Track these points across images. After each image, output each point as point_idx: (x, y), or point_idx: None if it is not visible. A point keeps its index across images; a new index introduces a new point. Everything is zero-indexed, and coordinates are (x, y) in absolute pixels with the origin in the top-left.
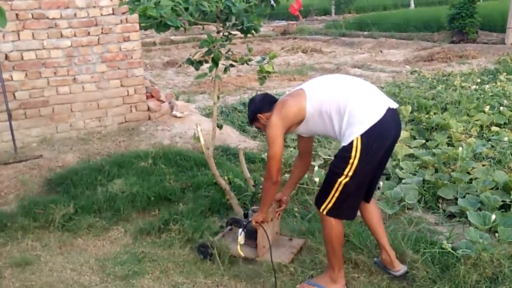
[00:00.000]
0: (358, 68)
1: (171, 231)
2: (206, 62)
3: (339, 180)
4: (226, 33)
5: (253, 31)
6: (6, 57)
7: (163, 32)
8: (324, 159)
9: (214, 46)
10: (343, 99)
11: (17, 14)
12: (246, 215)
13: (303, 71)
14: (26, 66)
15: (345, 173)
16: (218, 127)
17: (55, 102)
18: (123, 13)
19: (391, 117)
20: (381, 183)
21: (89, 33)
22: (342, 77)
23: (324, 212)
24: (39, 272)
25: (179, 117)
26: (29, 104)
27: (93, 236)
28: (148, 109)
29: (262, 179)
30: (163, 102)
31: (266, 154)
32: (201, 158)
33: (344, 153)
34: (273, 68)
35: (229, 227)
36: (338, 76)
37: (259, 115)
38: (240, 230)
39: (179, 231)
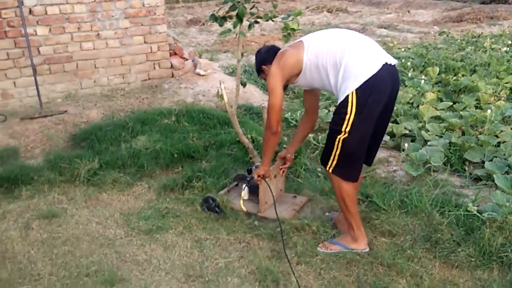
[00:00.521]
0: (385, 28)
1: (194, 188)
2: (230, 18)
3: (338, 137)
4: None
5: None
6: (30, 12)
7: None
8: None
9: (239, 2)
10: (339, 52)
11: None
12: (249, 171)
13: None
14: (50, 21)
15: (343, 129)
16: (241, 85)
17: (79, 58)
18: None
19: (388, 72)
20: (406, 145)
21: None
22: (342, 31)
23: (330, 171)
24: (65, 224)
25: (202, 75)
26: (53, 59)
27: (118, 191)
28: (171, 66)
29: (285, 138)
30: (186, 60)
31: (289, 113)
32: (224, 117)
33: (341, 109)
34: (298, 25)
35: (235, 182)
36: (338, 30)
37: (264, 66)
38: (244, 185)
39: (201, 188)
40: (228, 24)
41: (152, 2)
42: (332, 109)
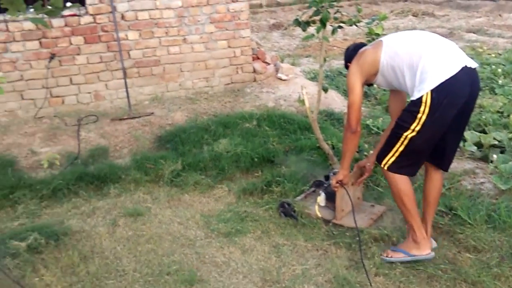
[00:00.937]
0: (474, 33)
1: (273, 193)
2: (314, 23)
3: (405, 134)
4: None
5: None
6: (123, 17)
7: None
8: None
9: (323, 7)
10: (416, 54)
11: None
12: (327, 178)
13: None
14: (140, 26)
15: (412, 127)
16: (323, 90)
17: (166, 62)
18: None
19: (467, 75)
20: (494, 156)
21: None
22: (421, 33)
23: (386, 167)
24: (149, 223)
25: (284, 80)
26: (142, 63)
27: (199, 193)
28: (254, 71)
29: (366, 145)
30: (269, 64)
31: (370, 120)
32: (304, 122)
33: (413, 107)
34: (382, 29)
35: (312, 188)
36: (417, 32)
37: (349, 64)
38: (321, 191)
39: (280, 193)
40: (311, 29)
41: (237, 7)
42: None
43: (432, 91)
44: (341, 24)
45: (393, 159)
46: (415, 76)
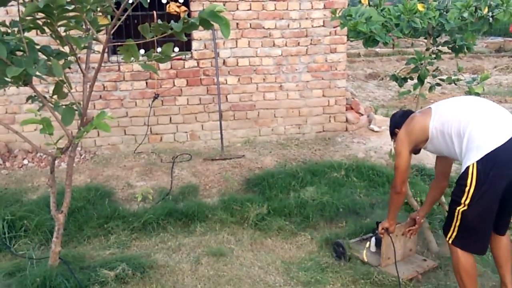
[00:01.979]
0: None
1: None
2: (411, 79)
3: (458, 208)
4: (436, 51)
5: (465, 50)
6: (224, 62)
7: (371, 47)
8: None
9: (422, 64)
10: (464, 122)
11: (237, 24)
12: (377, 224)
13: None
14: (240, 72)
15: (462, 201)
16: None
17: (261, 107)
18: (334, 27)
19: None
20: None
21: (299, 43)
22: (473, 99)
23: (450, 241)
24: (230, 264)
25: (376, 131)
26: (238, 107)
27: (282, 239)
28: (346, 120)
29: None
30: (362, 115)
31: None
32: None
33: (461, 180)
34: (483, 89)
35: (370, 234)
36: (469, 98)
37: (396, 129)
38: (372, 236)
39: None
40: (409, 84)
41: (335, 57)
42: None
43: (477, 162)
44: (440, 82)
45: (454, 234)
46: (462, 144)
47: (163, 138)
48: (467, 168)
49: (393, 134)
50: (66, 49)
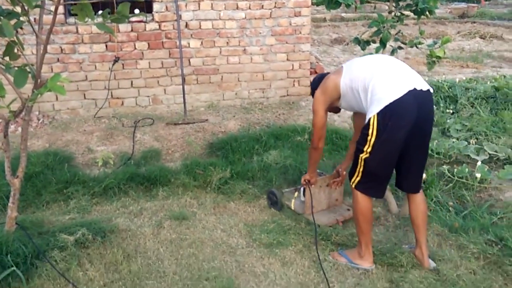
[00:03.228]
0: None
1: None
2: (374, 42)
3: (361, 156)
4: (398, 14)
5: (427, 13)
6: (186, 25)
7: (333, 9)
8: (489, 154)
9: (384, 27)
10: (369, 77)
11: None
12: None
13: (478, 58)
14: (203, 35)
15: (364, 149)
16: None
17: (225, 71)
18: None
19: (414, 98)
20: None
21: (262, 6)
22: (379, 57)
23: (353, 186)
24: (193, 227)
25: None
26: (201, 70)
27: (245, 202)
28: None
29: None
30: None
31: None
32: None
33: (364, 130)
34: (444, 53)
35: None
36: (375, 56)
37: (315, 91)
38: (301, 187)
39: None
40: (372, 47)
41: (299, 21)
42: (473, 141)
43: (377, 114)
44: (401, 45)
45: (357, 179)
46: (367, 98)
47: (125, 102)
48: (369, 119)
49: (313, 96)
50: (18, 9)
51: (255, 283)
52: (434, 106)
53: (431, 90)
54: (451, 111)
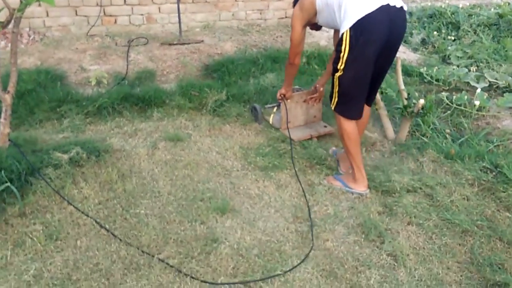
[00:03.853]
0: None
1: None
2: None
3: (336, 75)
4: None
5: None
6: None
7: None
8: (489, 82)
9: None
10: None
11: None
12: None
13: None
14: None
15: (338, 67)
16: None
17: None
18: None
19: (386, 14)
20: None
21: None
22: None
23: (333, 108)
24: (188, 149)
25: None
26: None
27: (240, 125)
28: None
29: (416, 93)
30: None
31: (425, 68)
32: None
33: (337, 47)
34: None
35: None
36: None
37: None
38: (281, 103)
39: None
40: None
41: None
42: (473, 68)
43: (350, 29)
44: None
45: (336, 100)
46: (341, 15)
47: (118, 20)
48: (342, 35)
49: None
50: None
51: (249, 205)
52: (407, 23)
53: (405, 8)
54: (453, 38)
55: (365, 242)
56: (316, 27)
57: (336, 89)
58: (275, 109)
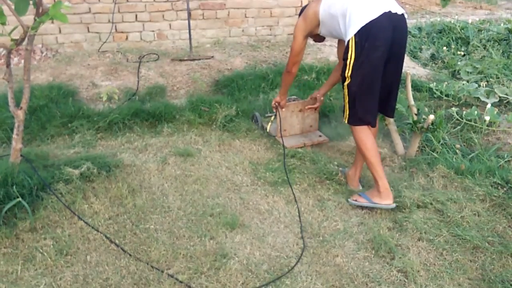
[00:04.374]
0: None
1: (323, 146)
2: None
3: (345, 84)
4: None
5: None
6: None
7: None
8: (499, 97)
9: None
10: (346, 2)
11: None
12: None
13: (492, 0)
14: None
15: (346, 75)
16: None
17: (231, 6)
18: None
19: (388, 20)
20: None
21: None
22: None
23: (346, 121)
24: (198, 164)
25: None
26: (207, 5)
27: (250, 140)
28: None
29: (426, 109)
30: None
31: (434, 83)
32: None
33: (344, 55)
34: None
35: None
36: None
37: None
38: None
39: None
40: None
41: None
42: (483, 83)
43: (354, 35)
44: None
45: (347, 112)
46: (345, 22)
47: (129, 36)
48: (348, 42)
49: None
50: None
51: (259, 220)
52: (408, 32)
53: (406, 15)
54: (462, 53)
55: (375, 258)
56: (319, 38)
57: (346, 99)
58: (272, 117)
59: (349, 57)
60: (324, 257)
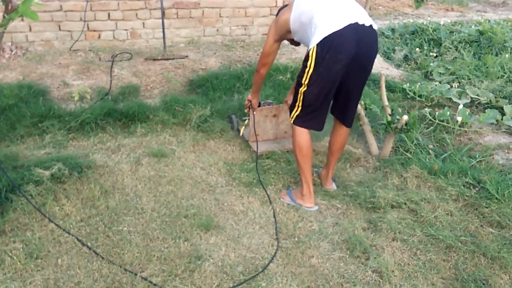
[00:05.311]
0: None
1: None
2: None
3: (300, 89)
4: None
5: None
6: None
7: None
8: (471, 98)
9: None
10: (313, 10)
11: None
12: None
13: (464, 2)
14: None
15: (303, 82)
16: None
17: (206, 5)
18: None
19: (354, 32)
20: None
21: None
22: None
23: (292, 121)
24: (172, 165)
25: None
26: (181, 4)
27: (225, 141)
28: None
29: (400, 109)
30: None
31: (407, 84)
32: None
33: (304, 62)
34: None
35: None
36: None
37: None
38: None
39: None
40: None
41: None
42: (455, 84)
43: (317, 45)
44: None
45: (297, 113)
46: (311, 32)
47: (102, 35)
48: (309, 51)
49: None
50: None
51: (234, 221)
52: (381, 45)
53: (375, 27)
54: (435, 54)
55: (350, 259)
56: (295, 42)
57: (299, 102)
58: (246, 121)
59: (308, 65)
60: (299, 258)
